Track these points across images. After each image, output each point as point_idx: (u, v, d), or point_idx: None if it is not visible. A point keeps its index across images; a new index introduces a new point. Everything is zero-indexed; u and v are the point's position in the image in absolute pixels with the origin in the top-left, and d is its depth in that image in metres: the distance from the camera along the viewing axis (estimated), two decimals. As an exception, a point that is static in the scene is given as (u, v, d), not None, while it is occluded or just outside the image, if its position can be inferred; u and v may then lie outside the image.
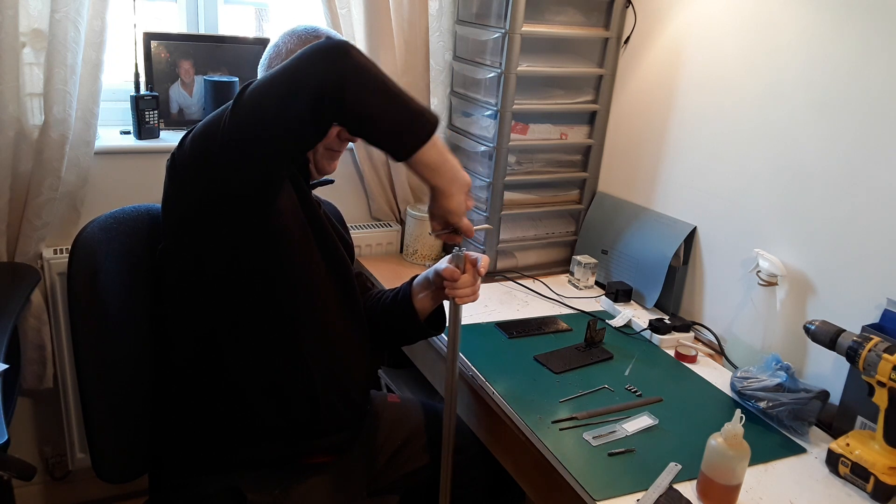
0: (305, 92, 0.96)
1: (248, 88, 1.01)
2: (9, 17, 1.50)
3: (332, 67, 0.96)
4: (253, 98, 1.00)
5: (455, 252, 1.25)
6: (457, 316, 1.26)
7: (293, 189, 1.20)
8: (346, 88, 0.95)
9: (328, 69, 0.96)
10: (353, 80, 0.96)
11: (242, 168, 1.02)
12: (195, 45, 1.92)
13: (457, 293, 1.24)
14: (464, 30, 1.95)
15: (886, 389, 1.16)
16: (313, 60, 0.97)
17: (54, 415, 1.83)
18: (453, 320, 1.26)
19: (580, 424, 1.30)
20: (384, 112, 0.99)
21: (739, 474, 1.10)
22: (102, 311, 1.22)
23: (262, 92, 1.00)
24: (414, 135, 1.01)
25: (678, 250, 1.75)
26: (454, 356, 1.28)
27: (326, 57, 0.97)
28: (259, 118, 0.99)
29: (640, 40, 1.86)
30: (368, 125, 1.00)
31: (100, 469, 1.22)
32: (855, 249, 1.39)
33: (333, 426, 1.27)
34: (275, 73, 1.00)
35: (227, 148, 1.01)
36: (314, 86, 0.96)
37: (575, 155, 2.01)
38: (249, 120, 0.99)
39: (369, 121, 0.99)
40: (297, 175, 1.23)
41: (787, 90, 1.49)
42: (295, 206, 1.19)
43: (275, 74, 1.00)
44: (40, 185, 1.62)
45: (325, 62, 0.96)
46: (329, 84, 0.95)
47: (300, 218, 1.20)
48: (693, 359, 1.58)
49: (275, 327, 1.19)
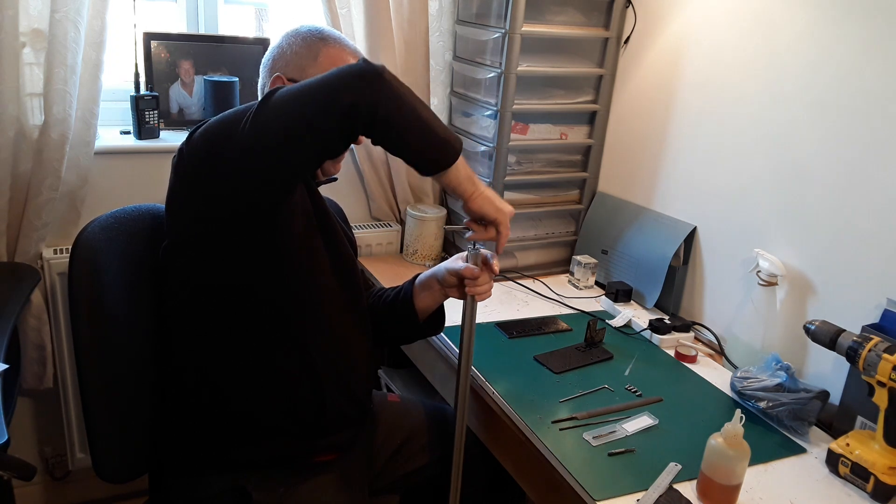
0: (338, 108, 0.98)
1: (275, 95, 1.01)
2: (9, 17, 1.50)
3: (368, 89, 0.99)
4: (281, 106, 1.00)
5: (472, 251, 1.27)
6: (473, 313, 1.28)
7: (304, 187, 1.20)
8: (378, 112, 0.99)
9: (364, 90, 0.99)
10: (386, 105, 1.00)
11: (259, 173, 1.03)
12: (195, 45, 1.92)
13: (477, 290, 1.26)
14: (464, 30, 1.95)
15: (886, 389, 1.17)
16: (350, 80, 1.00)
17: (54, 415, 1.82)
18: (470, 318, 1.27)
19: (580, 424, 1.30)
20: (412, 139, 1.04)
21: (739, 474, 1.10)
22: (103, 311, 1.22)
23: (292, 102, 1.00)
24: (436, 163, 1.07)
25: (678, 250, 1.75)
26: (469, 353, 1.29)
27: (363, 78, 1.00)
28: (286, 127, 1.00)
29: (640, 40, 1.86)
30: (397, 148, 1.06)
31: (100, 469, 1.22)
32: (855, 249, 1.39)
33: (338, 424, 1.28)
34: (307, 85, 1.01)
35: (247, 151, 1.01)
36: (348, 104, 0.98)
37: (575, 155, 2.01)
38: (274, 127, 1.00)
39: (398, 145, 1.05)
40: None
41: (788, 90, 1.49)
42: (304, 204, 1.19)
43: (307, 87, 1.01)
44: (40, 185, 1.62)
45: (363, 83, 0.99)
46: (363, 105, 0.99)
47: (308, 215, 1.20)
48: (693, 359, 1.58)
49: (280, 326, 1.19)
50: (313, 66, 1.24)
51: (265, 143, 1.00)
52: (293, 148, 1.01)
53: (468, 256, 1.28)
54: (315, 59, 1.25)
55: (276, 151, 1.01)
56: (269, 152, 1.01)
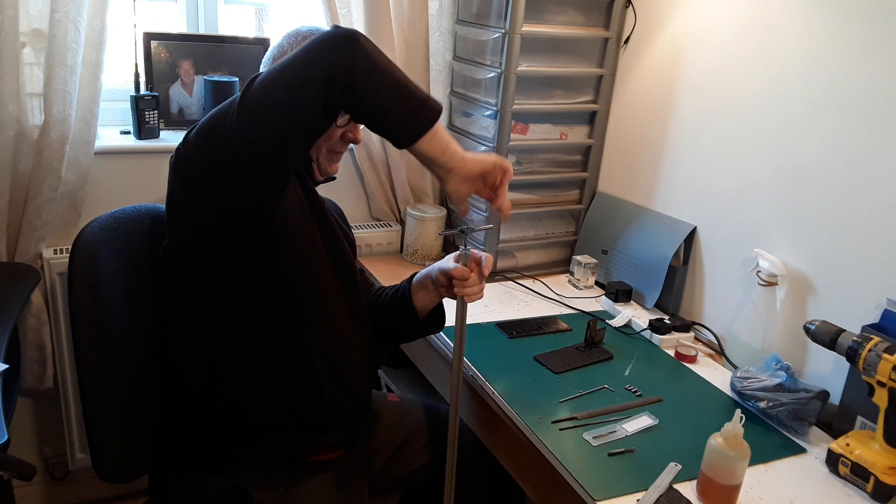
0: (316, 79, 0.97)
1: (256, 81, 1.01)
2: (9, 17, 1.50)
3: (342, 55, 0.97)
4: (262, 89, 1.00)
5: (462, 251, 1.26)
6: (464, 314, 1.27)
7: (299, 186, 1.20)
8: (355, 74, 0.97)
9: (339, 56, 0.97)
10: (362, 67, 0.97)
11: (252, 161, 1.02)
12: (195, 45, 1.92)
13: (465, 292, 1.25)
14: (464, 30, 1.95)
15: (886, 389, 1.16)
16: (324, 48, 0.98)
17: (54, 415, 1.83)
18: (460, 319, 1.27)
19: (580, 424, 1.30)
20: (391, 100, 1.01)
21: (739, 474, 1.10)
22: (103, 311, 1.22)
23: (271, 82, 1.00)
24: (417, 125, 1.03)
25: (678, 250, 1.75)
26: (460, 354, 1.29)
27: (336, 45, 0.98)
28: (269, 107, 0.99)
29: (640, 40, 1.86)
30: (375, 112, 1.01)
31: (100, 469, 1.22)
32: (855, 249, 1.39)
33: (338, 422, 1.28)
34: (283, 63, 1.00)
35: (236, 140, 1.01)
36: (325, 72, 0.97)
37: (575, 155, 2.01)
38: (259, 110, 1.00)
39: (376, 108, 1.01)
40: (302, 173, 1.23)
41: (787, 90, 1.49)
42: (301, 203, 1.19)
43: (283, 64, 1.00)
44: (40, 185, 1.62)
45: (336, 50, 0.98)
46: (340, 70, 0.97)
47: (306, 215, 1.20)
48: (693, 359, 1.58)
49: (280, 325, 1.19)
50: None
51: (252, 126, 1.00)
52: (280, 131, 1.00)
53: (459, 257, 1.27)
54: None
55: (264, 133, 1.00)
56: (256, 135, 1.00)
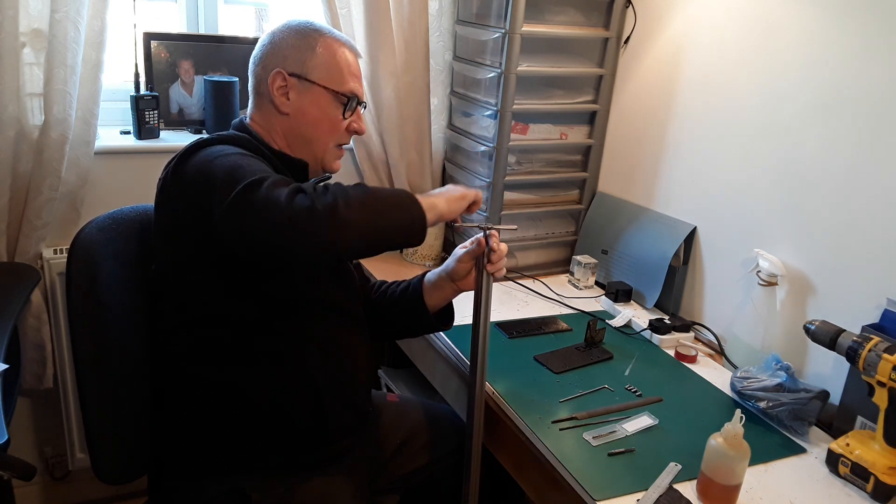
0: (303, 255, 1.01)
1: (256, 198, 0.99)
2: (9, 17, 1.50)
3: (326, 236, 0.98)
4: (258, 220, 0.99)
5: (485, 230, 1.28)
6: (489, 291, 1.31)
7: None
8: (350, 245, 1.02)
9: (324, 239, 0.98)
10: (348, 236, 1.00)
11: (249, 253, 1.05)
12: (195, 45, 1.92)
13: (498, 266, 1.28)
14: (464, 30, 1.94)
15: (886, 389, 1.16)
16: (306, 235, 0.98)
17: (54, 415, 1.83)
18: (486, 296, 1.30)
19: (580, 424, 1.30)
20: (388, 231, 1.06)
21: (739, 474, 1.10)
22: (101, 312, 1.22)
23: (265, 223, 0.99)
24: (420, 224, 1.08)
25: (678, 250, 1.74)
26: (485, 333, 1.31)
27: (318, 230, 0.98)
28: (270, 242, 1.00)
29: (640, 40, 1.86)
30: (380, 249, 1.08)
31: (99, 469, 1.22)
32: (855, 249, 1.39)
33: (339, 434, 1.27)
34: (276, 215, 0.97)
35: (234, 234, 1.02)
36: (318, 250, 1.00)
37: (575, 155, 2.01)
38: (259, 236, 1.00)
39: (380, 248, 1.08)
40: (299, 175, 1.23)
41: (788, 90, 1.49)
42: None
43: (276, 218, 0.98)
44: (40, 185, 1.62)
45: (318, 235, 0.98)
46: (333, 250, 1.01)
47: None
48: (693, 359, 1.58)
49: (277, 340, 1.18)
50: (312, 58, 1.23)
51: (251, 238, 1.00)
52: (279, 254, 1.01)
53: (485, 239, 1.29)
54: (313, 49, 1.23)
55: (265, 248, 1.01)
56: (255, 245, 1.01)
